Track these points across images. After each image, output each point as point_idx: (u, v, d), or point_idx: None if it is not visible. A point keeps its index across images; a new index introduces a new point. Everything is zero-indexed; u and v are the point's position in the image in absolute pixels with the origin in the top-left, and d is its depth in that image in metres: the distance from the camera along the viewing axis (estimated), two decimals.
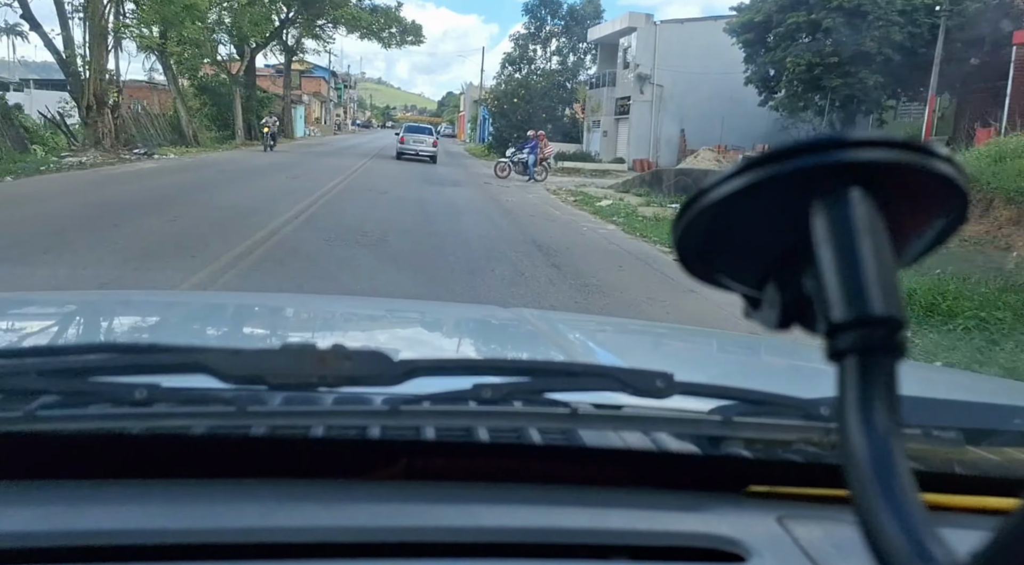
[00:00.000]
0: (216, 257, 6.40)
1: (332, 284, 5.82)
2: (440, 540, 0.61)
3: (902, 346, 0.31)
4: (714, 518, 0.67)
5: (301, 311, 1.76)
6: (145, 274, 5.71)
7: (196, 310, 1.70)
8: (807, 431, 0.74)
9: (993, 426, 0.83)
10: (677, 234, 0.36)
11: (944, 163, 0.33)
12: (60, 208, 9.38)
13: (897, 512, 0.28)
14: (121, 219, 8.18)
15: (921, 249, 0.37)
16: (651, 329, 2.48)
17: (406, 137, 27.07)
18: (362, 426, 0.69)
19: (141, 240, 7.08)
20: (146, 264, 6.07)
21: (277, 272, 6.18)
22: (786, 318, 0.36)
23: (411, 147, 26.65)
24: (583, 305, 5.77)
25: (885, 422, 0.30)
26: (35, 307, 1.55)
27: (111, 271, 5.66)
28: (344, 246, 7.58)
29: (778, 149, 0.33)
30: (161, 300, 1.92)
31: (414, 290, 5.80)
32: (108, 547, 0.57)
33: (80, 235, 7.10)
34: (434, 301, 4.29)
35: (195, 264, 6.08)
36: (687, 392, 0.73)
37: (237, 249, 6.85)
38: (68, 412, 0.64)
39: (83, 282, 5.21)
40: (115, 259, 6.12)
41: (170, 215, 8.70)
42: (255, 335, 1.53)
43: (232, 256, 6.53)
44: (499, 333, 1.65)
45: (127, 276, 5.55)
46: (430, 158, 26.28)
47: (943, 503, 0.71)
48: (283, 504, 0.62)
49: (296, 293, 4.98)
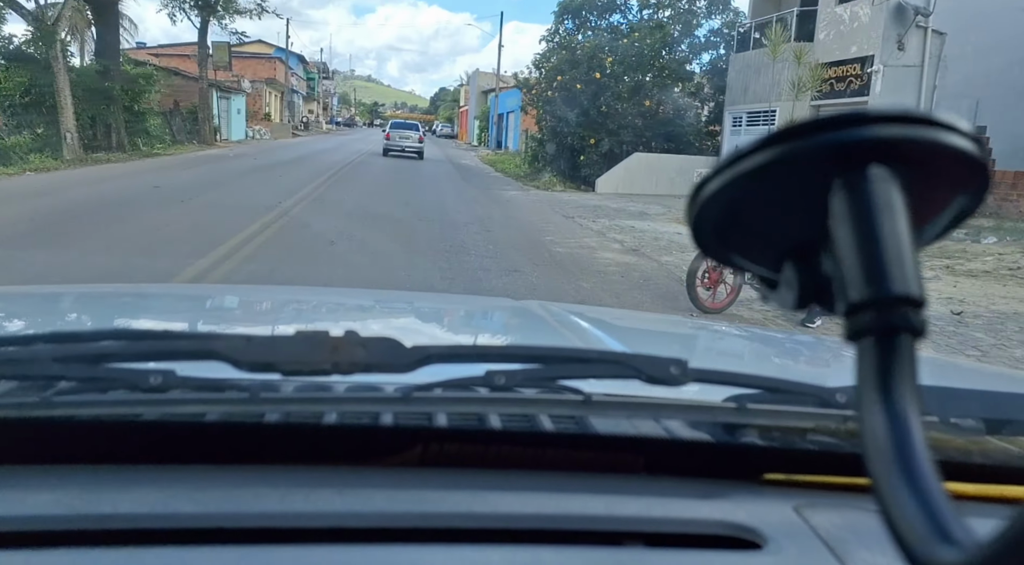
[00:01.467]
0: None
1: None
2: (454, 526, 0.61)
3: (922, 326, 0.31)
4: (730, 506, 0.67)
5: (313, 301, 1.77)
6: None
7: (209, 300, 1.70)
8: (824, 419, 0.73)
9: (1012, 416, 0.82)
10: (693, 213, 0.36)
11: (966, 139, 0.32)
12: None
13: (917, 492, 0.28)
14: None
15: (941, 228, 0.36)
16: (664, 320, 2.47)
17: (392, 133, 27.52)
18: (375, 413, 0.69)
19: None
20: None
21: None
22: (804, 299, 0.35)
23: (397, 143, 26.94)
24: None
25: (905, 401, 0.30)
26: (49, 298, 1.56)
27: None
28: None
29: (797, 124, 0.32)
30: (174, 292, 1.93)
31: None
32: (127, 530, 0.57)
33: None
34: (445, 293, 4.28)
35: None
36: (701, 379, 0.72)
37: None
38: (84, 398, 0.64)
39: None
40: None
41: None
42: (268, 324, 1.53)
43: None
44: (510, 322, 1.65)
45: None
46: (416, 154, 26.41)
47: (961, 492, 0.70)
48: (299, 489, 0.62)
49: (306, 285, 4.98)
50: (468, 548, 0.59)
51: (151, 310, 1.59)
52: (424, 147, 27.55)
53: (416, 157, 26.45)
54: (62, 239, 7.13)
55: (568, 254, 8.50)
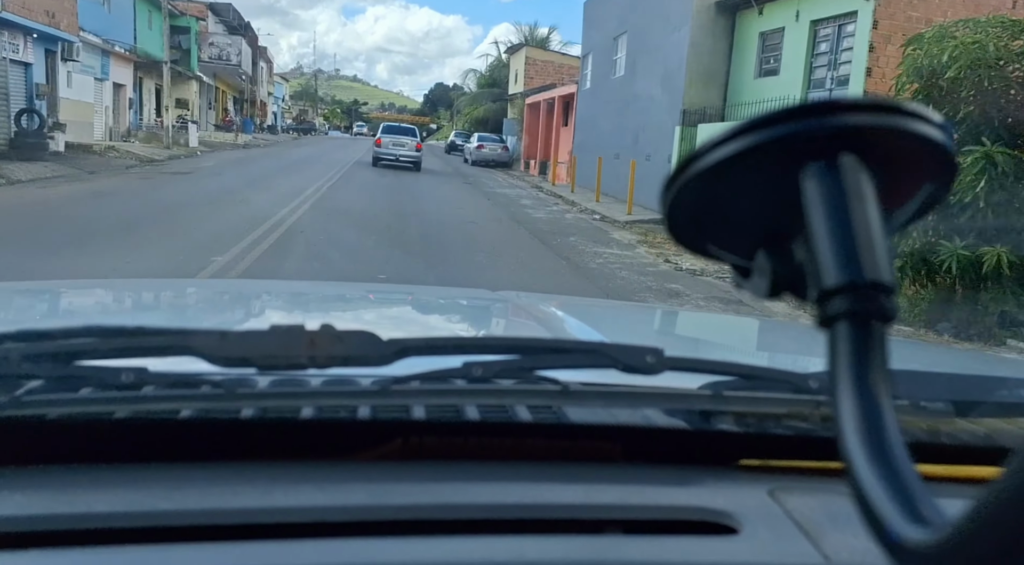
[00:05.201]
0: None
1: None
2: (435, 517, 0.61)
3: (893, 311, 0.32)
4: (706, 491, 0.67)
5: (289, 295, 1.75)
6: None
7: (184, 295, 1.68)
8: (798, 404, 0.74)
9: (979, 398, 0.84)
10: (666, 203, 0.36)
11: (935, 128, 0.33)
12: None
13: (888, 474, 0.28)
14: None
15: (909, 215, 0.37)
16: (641, 309, 2.48)
17: (384, 139, 22.36)
18: (352, 406, 0.69)
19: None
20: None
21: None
22: (776, 286, 0.36)
23: (390, 151, 21.87)
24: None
25: (877, 386, 0.30)
26: (19, 294, 1.54)
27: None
28: None
29: (767, 114, 0.32)
30: (146, 287, 1.91)
31: None
32: (103, 530, 0.56)
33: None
34: (423, 285, 4.27)
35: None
36: (677, 367, 0.73)
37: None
38: (55, 396, 0.63)
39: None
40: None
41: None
42: (244, 318, 1.52)
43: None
44: (488, 314, 1.65)
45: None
46: (412, 165, 21.66)
47: (931, 473, 0.71)
48: (279, 485, 0.62)
49: (284, 279, 4.92)
50: (450, 540, 0.59)
51: (123, 306, 1.57)
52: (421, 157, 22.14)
53: (412, 168, 21.42)
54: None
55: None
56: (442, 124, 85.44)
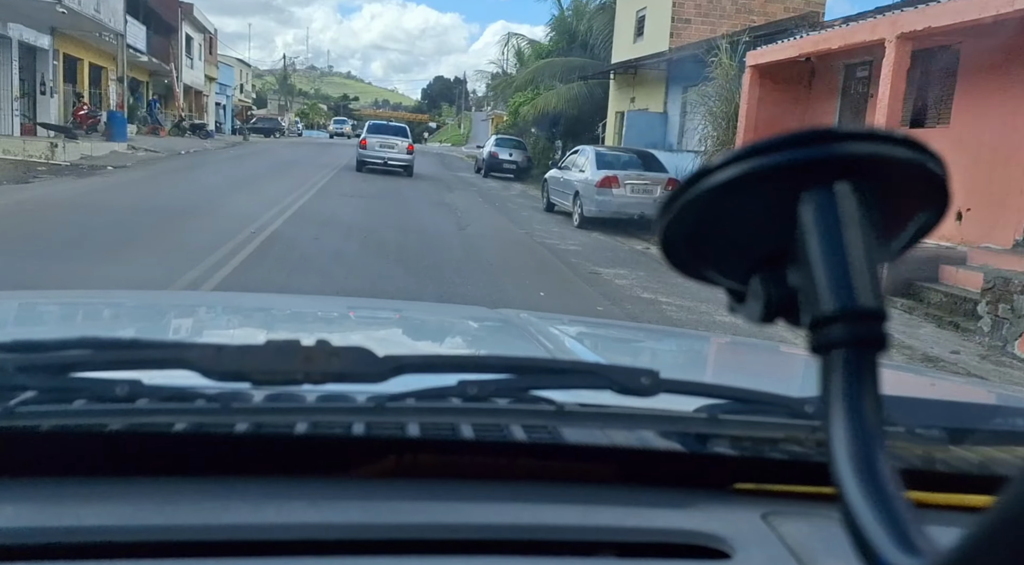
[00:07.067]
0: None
1: None
2: (427, 537, 0.61)
3: (885, 339, 0.32)
4: (700, 515, 0.67)
5: (286, 309, 1.75)
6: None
7: (181, 308, 1.68)
8: (793, 429, 0.74)
9: (974, 425, 0.84)
10: (662, 227, 0.36)
11: (929, 157, 0.33)
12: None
13: (880, 501, 0.28)
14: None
15: (903, 243, 0.37)
16: (639, 330, 2.48)
17: (370, 141, 19.25)
18: (347, 423, 0.68)
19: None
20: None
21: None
22: (770, 312, 0.36)
23: (376, 154, 18.95)
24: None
25: (870, 413, 0.30)
26: (15, 305, 1.53)
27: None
28: None
29: (765, 141, 0.33)
30: (143, 299, 1.91)
31: None
32: (93, 544, 0.56)
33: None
34: (421, 302, 4.26)
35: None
36: (673, 390, 0.73)
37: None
38: (48, 408, 0.63)
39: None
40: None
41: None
42: (240, 332, 1.51)
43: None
44: (485, 332, 1.64)
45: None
46: (403, 169, 19.06)
47: (924, 500, 0.71)
48: (271, 501, 0.62)
49: (281, 293, 4.92)
50: (442, 559, 0.59)
51: (119, 318, 1.56)
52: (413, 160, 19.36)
53: (402, 173, 18.96)
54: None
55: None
56: (444, 122, 75.35)
